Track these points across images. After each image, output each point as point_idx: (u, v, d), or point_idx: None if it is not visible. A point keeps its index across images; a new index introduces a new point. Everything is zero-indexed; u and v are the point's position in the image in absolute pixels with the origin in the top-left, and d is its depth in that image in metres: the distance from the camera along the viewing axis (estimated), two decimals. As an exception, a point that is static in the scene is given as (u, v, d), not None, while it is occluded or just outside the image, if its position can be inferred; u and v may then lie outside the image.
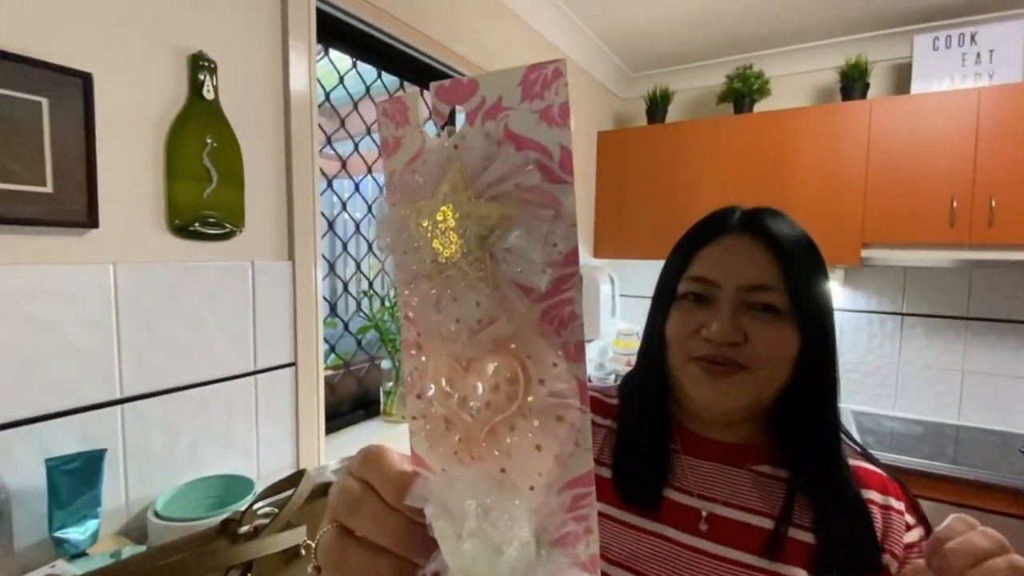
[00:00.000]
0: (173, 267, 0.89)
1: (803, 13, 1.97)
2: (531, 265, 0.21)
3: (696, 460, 0.58)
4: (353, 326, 1.47)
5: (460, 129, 0.23)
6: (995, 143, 1.71)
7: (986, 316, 1.99)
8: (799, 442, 0.55)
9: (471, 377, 0.22)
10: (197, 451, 0.93)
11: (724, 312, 0.52)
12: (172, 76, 0.87)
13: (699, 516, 0.54)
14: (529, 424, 0.21)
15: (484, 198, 0.21)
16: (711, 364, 0.53)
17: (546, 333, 0.21)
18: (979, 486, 1.55)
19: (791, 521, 0.52)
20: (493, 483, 0.22)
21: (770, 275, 0.52)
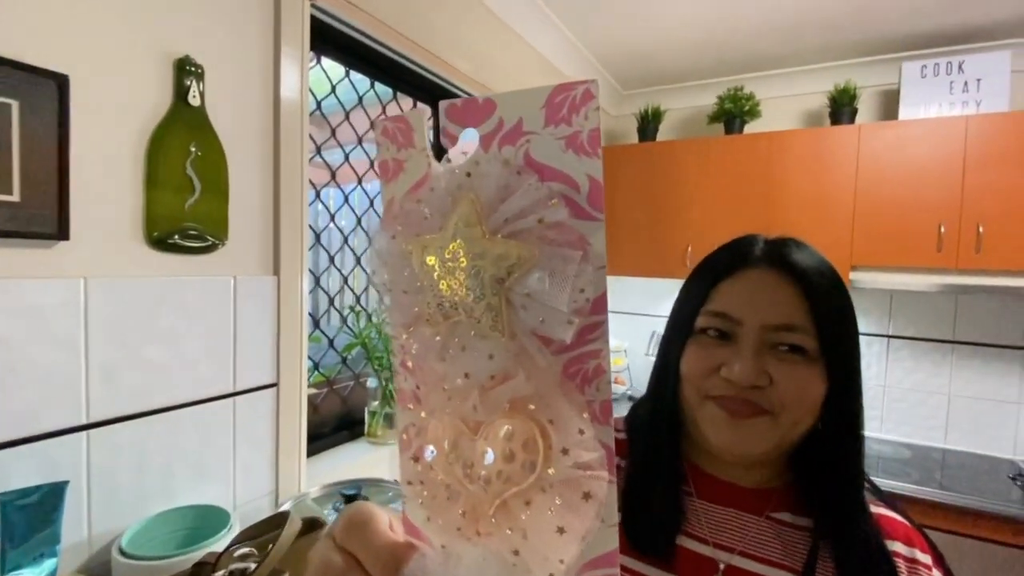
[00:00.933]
0: (150, 282, 0.83)
1: (793, 38, 1.99)
2: (555, 313, 0.18)
3: (711, 505, 0.54)
4: (338, 342, 1.42)
5: (473, 155, 0.20)
6: (983, 170, 1.73)
7: (972, 340, 2.01)
8: (822, 489, 0.51)
9: (481, 442, 0.19)
10: (169, 479, 0.87)
11: (747, 353, 0.49)
12: (156, 80, 0.83)
13: (716, 568, 0.51)
14: (550, 500, 0.18)
15: (501, 235, 0.19)
16: (728, 403, 0.50)
17: (569, 392, 0.18)
18: (971, 513, 1.55)
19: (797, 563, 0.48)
20: (503, 567, 0.19)
21: (798, 315, 0.49)
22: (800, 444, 0.52)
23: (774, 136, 2.11)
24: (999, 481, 1.74)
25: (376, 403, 1.41)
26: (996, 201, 1.72)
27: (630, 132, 2.59)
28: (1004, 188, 1.71)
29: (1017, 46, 1.83)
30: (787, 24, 1.88)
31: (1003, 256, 1.72)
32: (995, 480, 1.75)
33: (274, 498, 1.04)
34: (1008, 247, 1.71)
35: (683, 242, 2.22)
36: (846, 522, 0.50)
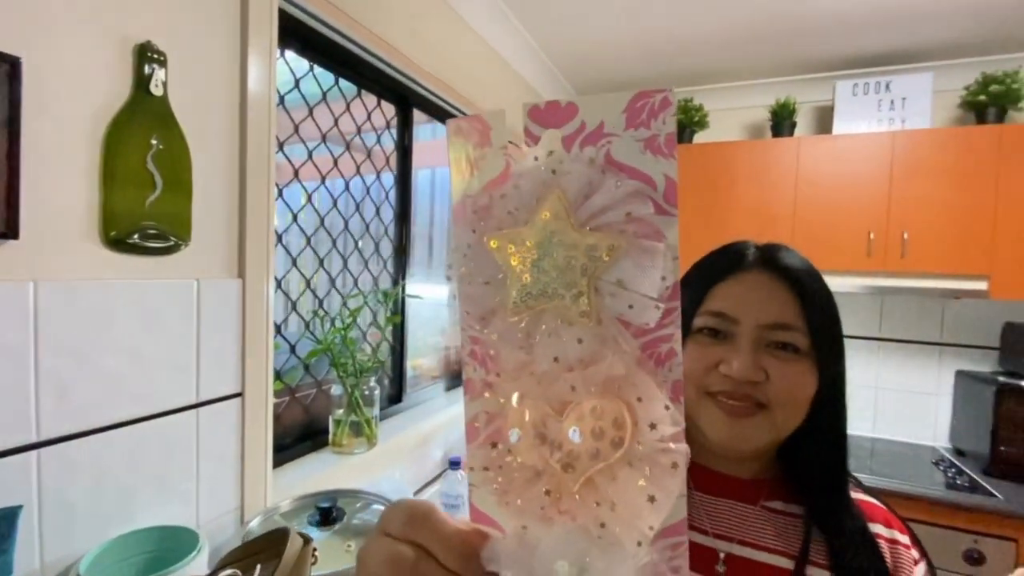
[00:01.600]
0: (107, 285, 0.76)
1: (738, 53, 2.11)
2: (643, 300, 0.20)
3: (709, 497, 0.57)
4: (300, 348, 1.36)
5: (556, 154, 0.21)
6: (907, 182, 1.91)
7: (896, 338, 2.20)
8: (811, 479, 0.55)
9: (568, 421, 0.20)
10: (128, 499, 0.80)
11: (745, 349, 0.52)
12: (115, 67, 0.76)
13: (717, 557, 0.53)
14: (639, 472, 0.20)
15: (588, 227, 0.20)
16: (729, 401, 0.52)
17: (650, 371, 0.20)
18: (899, 496, 1.69)
19: (808, 559, 0.51)
20: (588, 541, 0.20)
21: (791, 314, 0.52)
22: (790, 437, 0.55)
23: (721, 146, 2.23)
24: (922, 466, 1.91)
25: (341, 411, 1.36)
26: (919, 210, 1.89)
27: (587, 138, 2.65)
28: (926, 198, 1.88)
29: (938, 68, 2.02)
30: (733, 40, 1.99)
31: (924, 260, 1.89)
32: (919, 465, 1.92)
33: (239, 515, 0.98)
34: (929, 252, 1.88)
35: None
36: (834, 509, 0.53)
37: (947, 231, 1.86)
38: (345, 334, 1.35)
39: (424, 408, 1.75)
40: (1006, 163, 1.80)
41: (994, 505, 1.59)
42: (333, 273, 1.45)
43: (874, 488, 1.71)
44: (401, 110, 1.64)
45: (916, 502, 1.67)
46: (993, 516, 1.59)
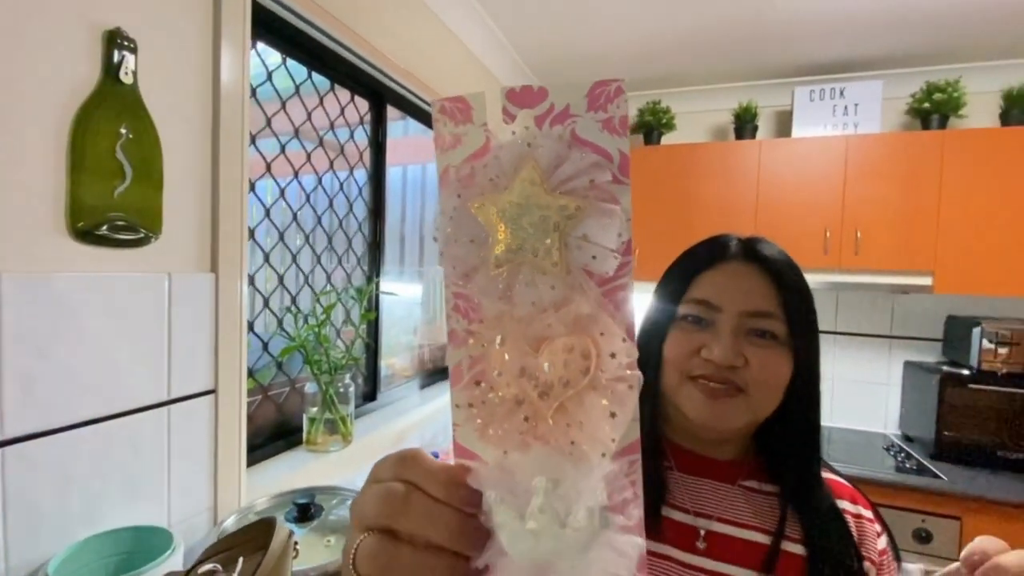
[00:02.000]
0: (74, 278, 0.74)
1: (704, 59, 2.19)
2: (603, 251, 0.23)
3: (689, 477, 0.59)
4: (272, 346, 1.33)
5: (530, 130, 0.24)
6: (860, 183, 2.01)
7: (850, 331, 2.32)
8: (786, 460, 0.58)
9: (543, 356, 0.23)
10: (97, 500, 0.77)
11: (726, 335, 0.54)
12: (83, 53, 0.74)
13: (697, 534, 0.55)
14: (603, 395, 0.23)
15: (559, 192, 0.23)
16: (710, 384, 0.55)
17: (612, 313, 0.23)
18: (856, 480, 1.78)
19: (784, 535, 0.55)
20: (561, 457, 0.23)
21: (771, 303, 0.55)
22: (767, 420, 0.58)
23: (687, 147, 2.30)
24: (874, 451, 2.02)
25: (315, 409, 1.34)
26: (870, 210, 2.00)
27: (558, 138, 2.69)
28: (877, 199, 1.99)
29: (887, 76, 2.15)
30: (699, 46, 2.06)
31: (876, 257, 2.00)
32: (871, 451, 2.03)
33: (213, 514, 0.96)
34: (880, 249, 1.99)
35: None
36: (807, 487, 0.57)
37: (896, 230, 1.98)
38: (319, 331, 1.33)
39: (399, 406, 1.74)
40: (948, 167, 1.92)
41: (939, 486, 1.70)
42: (306, 270, 1.43)
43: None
44: (375, 106, 1.63)
45: (869, 485, 1.76)
46: (939, 496, 1.70)
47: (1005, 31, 1.84)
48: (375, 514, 0.25)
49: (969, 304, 2.13)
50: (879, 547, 0.57)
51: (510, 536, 0.23)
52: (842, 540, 0.54)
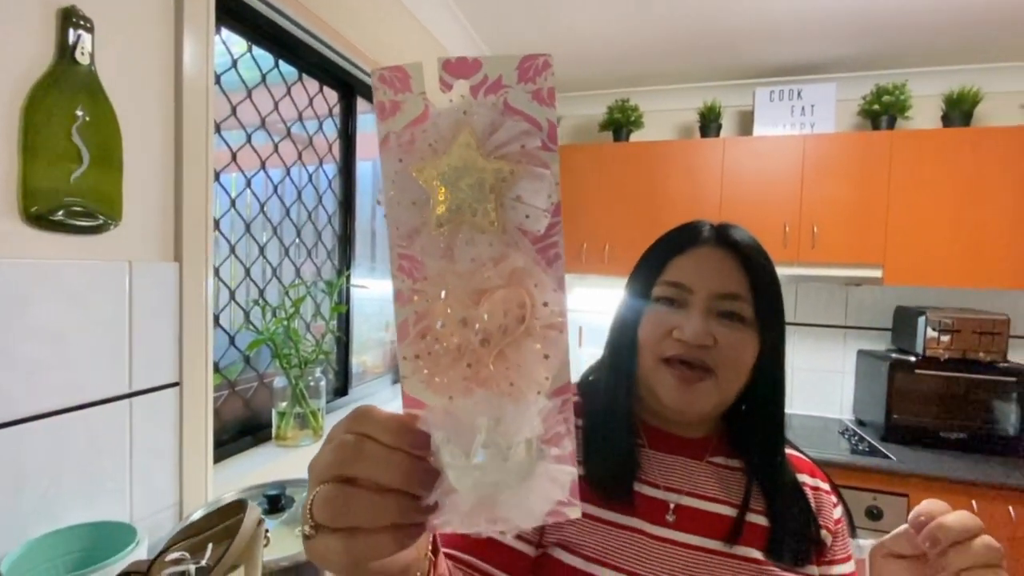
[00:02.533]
0: (27, 265, 0.71)
1: (670, 59, 2.24)
2: (536, 211, 0.25)
3: (660, 454, 0.61)
4: (240, 340, 1.30)
5: (466, 99, 0.26)
6: (815, 180, 2.10)
7: (808, 322, 2.42)
8: (751, 436, 0.61)
9: (483, 308, 0.25)
10: (53, 496, 0.74)
11: (697, 316, 0.57)
12: (36, 31, 0.71)
13: (667, 508, 0.57)
14: (537, 340, 0.25)
15: (493, 156, 0.25)
16: (681, 367, 0.57)
17: (544, 269, 0.25)
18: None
19: (749, 507, 0.57)
20: (501, 398, 0.25)
21: (740, 286, 0.58)
22: (734, 400, 0.61)
23: (655, 145, 2.35)
24: (830, 435, 2.12)
25: (285, 404, 1.32)
26: (826, 206, 2.10)
27: (528, 134, 2.71)
28: (831, 196, 2.09)
29: (840, 79, 2.25)
30: (666, 47, 2.11)
31: (831, 251, 2.10)
32: (827, 435, 2.13)
33: (178, 510, 0.94)
34: (835, 244, 2.09)
35: (579, 239, 2.38)
36: (770, 463, 0.60)
37: (848, 225, 2.07)
38: (288, 324, 1.31)
39: (371, 401, 1.71)
40: (896, 165, 2.03)
41: (889, 466, 1.80)
42: (273, 263, 1.40)
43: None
44: (344, 97, 1.61)
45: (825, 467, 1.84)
46: (888, 476, 1.79)
47: (946, 39, 1.96)
48: (329, 464, 0.26)
49: (917, 295, 2.25)
50: (835, 516, 0.61)
51: (457, 473, 0.25)
52: (802, 511, 0.57)
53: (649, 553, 0.54)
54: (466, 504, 0.25)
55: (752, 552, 0.55)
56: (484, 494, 0.24)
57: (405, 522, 0.26)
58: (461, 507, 0.25)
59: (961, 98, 2.05)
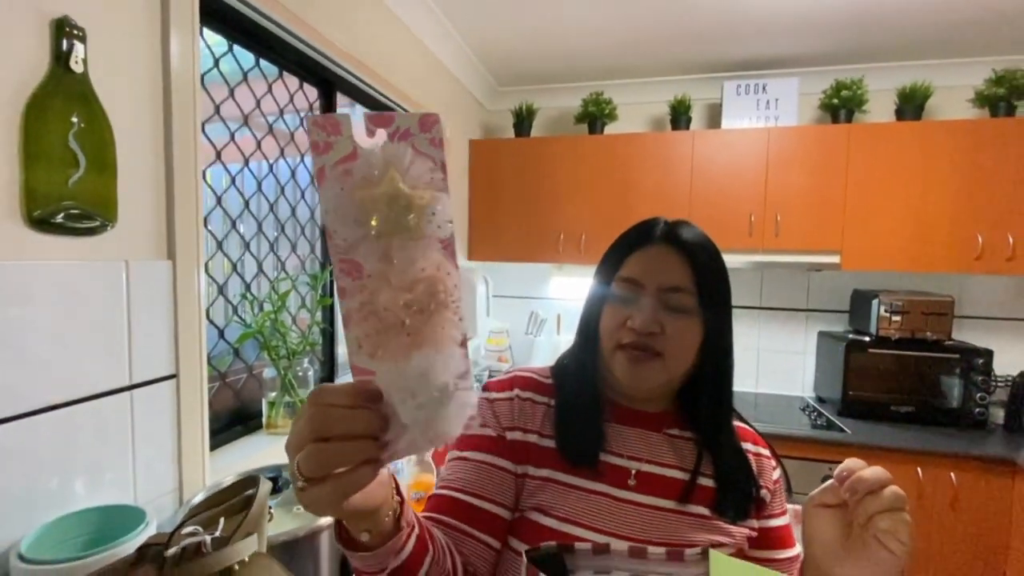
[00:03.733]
0: (32, 267, 0.75)
1: (642, 54, 2.31)
2: (444, 223, 0.35)
3: (623, 428, 0.69)
4: (229, 334, 1.35)
5: (387, 143, 0.35)
6: (779, 171, 2.21)
7: (772, 306, 2.56)
8: (701, 411, 0.69)
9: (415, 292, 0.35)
10: (63, 484, 0.79)
11: (647, 307, 0.64)
12: (31, 42, 0.74)
13: (629, 474, 0.66)
14: (451, 310, 0.35)
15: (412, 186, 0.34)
16: (634, 351, 0.65)
17: (450, 260, 0.35)
18: (776, 437, 2.00)
19: (699, 472, 0.66)
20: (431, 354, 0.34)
21: (685, 280, 0.65)
22: (686, 379, 0.69)
23: (628, 137, 2.43)
24: (793, 412, 2.26)
25: (275, 394, 1.37)
26: (788, 196, 2.21)
27: (507, 127, 2.76)
28: (794, 186, 2.20)
29: (803, 74, 2.35)
30: (639, 41, 2.18)
31: (792, 239, 2.22)
32: (790, 412, 2.27)
33: (178, 495, 0.99)
34: (797, 232, 2.21)
35: (556, 230, 2.45)
36: (718, 433, 0.68)
37: (809, 214, 2.19)
38: (275, 317, 1.36)
39: (355, 389, 1.77)
40: (853, 157, 2.15)
41: (843, 438, 1.94)
42: (259, 257, 1.44)
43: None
44: (324, 94, 1.64)
45: (787, 441, 1.99)
46: (842, 448, 1.94)
47: (900, 36, 2.07)
48: (307, 432, 0.34)
49: (873, 279, 2.39)
50: (774, 477, 0.70)
51: (405, 411, 0.34)
52: (744, 474, 0.66)
53: (614, 512, 0.62)
54: (413, 433, 0.34)
55: (701, 509, 0.63)
56: (424, 423, 0.34)
57: (373, 456, 0.34)
58: (409, 436, 0.34)
59: (913, 93, 2.17)
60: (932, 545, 1.90)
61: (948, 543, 1.89)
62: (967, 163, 2.05)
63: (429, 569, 0.49)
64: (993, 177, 2.02)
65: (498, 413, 0.68)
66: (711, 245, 0.69)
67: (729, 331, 0.69)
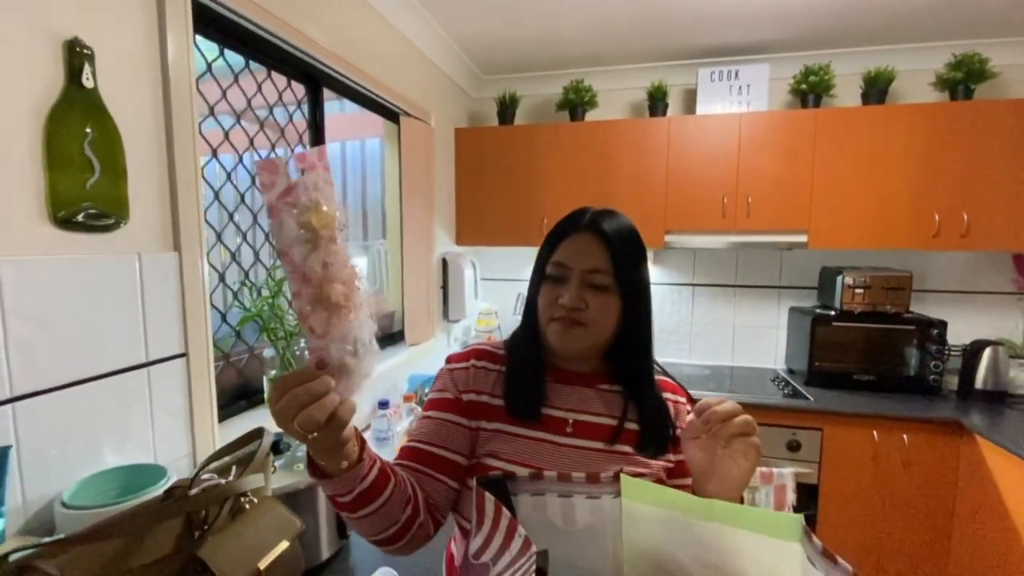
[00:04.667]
0: (58, 260, 0.86)
1: (620, 40, 2.39)
2: (346, 233, 0.51)
3: (562, 386, 0.82)
4: (230, 317, 1.47)
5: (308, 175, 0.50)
6: (750, 155, 2.32)
7: (747, 284, 2.68)
8: (627, 368, 0.82)
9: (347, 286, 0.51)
10: (93, 446, 0.92)
11: (573, 287, 0.76)
12: (48, 62, 0.85)
13: (567, 423, 0.78)
14: (365, 300, 0.52)
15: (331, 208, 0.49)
16: (563, 322, 0.77)
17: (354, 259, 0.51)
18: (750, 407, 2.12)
19: (626, 418, 0.79)
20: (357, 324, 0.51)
21: (604, 263, 0.76)
22: (613, 344, 0.81)
23: (607, 124, 2.52)
24: (765, 383, 2.40)
25: (275, 371, 1.49)
26: (759, 178, 2.32)
27: (491, 115, 2.85)
28: (764, 169, 2.31)
29: (773, 60, 2.44)
30: (616, 28, 2.26)
31: (764, 220, 2.33)
32: (762, 383, 2.41)
33: (192, 459, 1.12)
34: (767, 213, 2.32)
35: (540, 214, 2.56)
36: (641, 385, 0.80)
37: (778, 195, 2.30)
38: (272, 302, 1.48)
39: (350, 368, 1.90)
40: (820, 140, 2.25)
41: (807, 406, 2.09)
42: (255, 246, 1.55)
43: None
44: (311, 90, 1.73)
45: (758, 410, 2.13)
46: (806, 414, 2.08)
47: (866, 21, 2.16)
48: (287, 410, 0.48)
49: (841, 257, 2.52)
50: (688, 420, 0.82)
51: (352, 365, 0.51)
52: (663, 419, 0.79)
53: (554, 454, 0.75)
54: (353, 376, 0.51)
55: (626, 448, 0.76)
56: (359, 366, 0.51)
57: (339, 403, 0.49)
58: (351, 378, 0.51)
59: (877, 77, 2.27)
60: (887, 501, 2.06)
61: (901, 498, 2.05)
62: (925, 145, 2.15)
63: (391, 493, 0.63)
64: (949, 159, 2.14)
65: (456, 380, 0.81)
66: (628, 231, 0.79)
67: (646, 302, 0.80)
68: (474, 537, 0.59)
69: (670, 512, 0.58)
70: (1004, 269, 2.39)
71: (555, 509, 0.62)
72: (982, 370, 2.16)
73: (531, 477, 0.63)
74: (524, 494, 0.65)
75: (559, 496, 0.62)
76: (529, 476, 0.63)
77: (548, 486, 0.64)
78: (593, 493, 0.64)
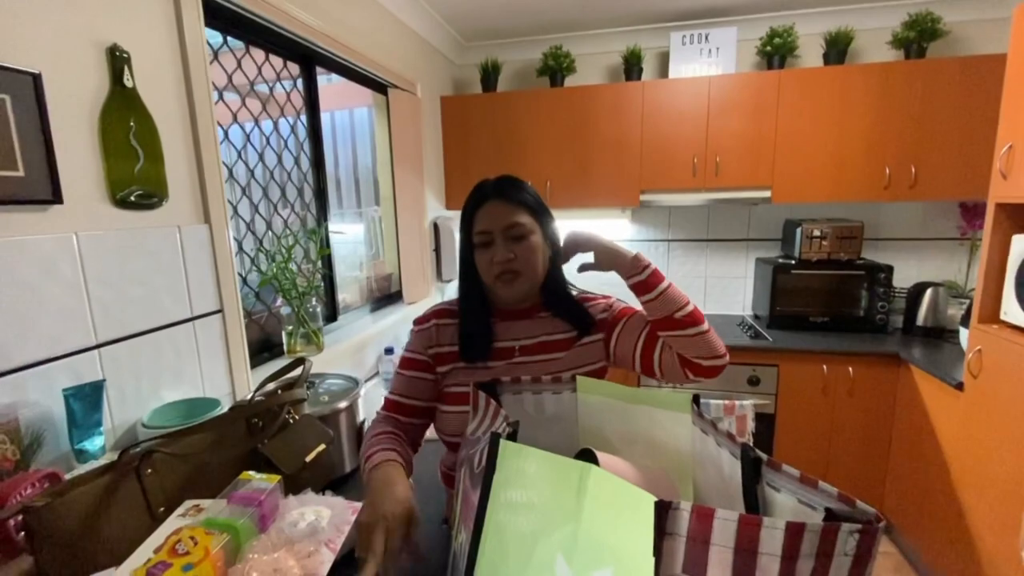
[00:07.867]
0: (121, 234, 1.06)
1: (597, 6, 2.50)
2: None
3: (507, 322, 1.01)
4: (250, 281, 1.66)
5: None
6: (719, 117, 2.48)
7: (717, 238, 2.89)
8: (553, 296, 1.01)
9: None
10: (157, 385, 1.14)
11: (500, 246, 0.93)
12: (96, 68, 1.01)
13: (515, 350, 0.99)
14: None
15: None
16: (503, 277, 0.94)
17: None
18: (710, 347, 2.38)
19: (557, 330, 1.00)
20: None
21: (514, 217, 0.93)
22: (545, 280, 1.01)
23: (584, 89, 2.65)
24: (733, 328, 2.64)
25: (292, 326, 1.71)
26: (726, 139, 2.49)
27: (474, 81, 2.96)
28: (731, 129, 2.47)
29: (741, 22, 2.56)
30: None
31: (732, 178, 2.51)
32: (732, 328, 2.65)
33: (232, 396, 1.35)
34: (734, 171, 2.50)
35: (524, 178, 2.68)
36: (565, 305, 1.01)
37: (744, 154, 2.48)
38: (285, 266, 1.67)
39: (355, 326, 2.13)
40: (783, 100, 2.41)
41: (765, 345, 2.34)
42: (268, 217, 1.73)
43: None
44: (305, 67, 1.87)
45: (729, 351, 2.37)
46: (765, 352, 2.34)
47: (824, -15, 2.28)
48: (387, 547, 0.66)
49: (803, 210, 2.72)
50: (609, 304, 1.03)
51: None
52: (584, 318, 1.00)
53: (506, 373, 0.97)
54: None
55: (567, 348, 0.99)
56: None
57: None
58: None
59: (837, 38, 2.41)
60: (834, 427, 2.34)
61: (847, 425, 2.33)
62: (879, 103, 2.32)
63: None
64: (899, 115, 2.31)
65: (421, 340, 1.00)
66: (520, 183, 0.96)
67: (555, 233, 0.99)
68: (471, 423, 0.81)
69: (609, 400, 0.81)
70: (952, 216, 2.60)
71: (529, 402, 0.85)
72: (923, 309, 2.40)
73: (512, 381, 0.85)
74: (507, 393, 0.88)
75: (532, 394, 0.85)
76: (511, 380, 0.85)
77: (524, 387, 0.87)
78: (557, 390, 0.86)
